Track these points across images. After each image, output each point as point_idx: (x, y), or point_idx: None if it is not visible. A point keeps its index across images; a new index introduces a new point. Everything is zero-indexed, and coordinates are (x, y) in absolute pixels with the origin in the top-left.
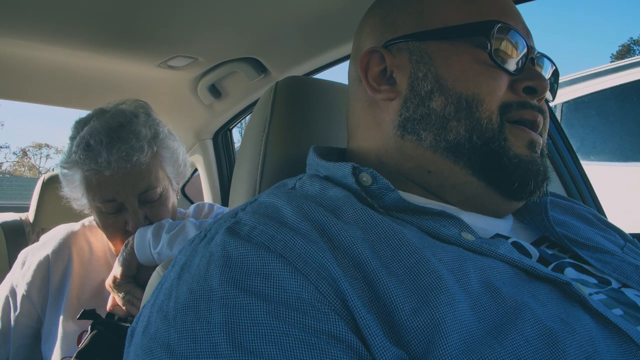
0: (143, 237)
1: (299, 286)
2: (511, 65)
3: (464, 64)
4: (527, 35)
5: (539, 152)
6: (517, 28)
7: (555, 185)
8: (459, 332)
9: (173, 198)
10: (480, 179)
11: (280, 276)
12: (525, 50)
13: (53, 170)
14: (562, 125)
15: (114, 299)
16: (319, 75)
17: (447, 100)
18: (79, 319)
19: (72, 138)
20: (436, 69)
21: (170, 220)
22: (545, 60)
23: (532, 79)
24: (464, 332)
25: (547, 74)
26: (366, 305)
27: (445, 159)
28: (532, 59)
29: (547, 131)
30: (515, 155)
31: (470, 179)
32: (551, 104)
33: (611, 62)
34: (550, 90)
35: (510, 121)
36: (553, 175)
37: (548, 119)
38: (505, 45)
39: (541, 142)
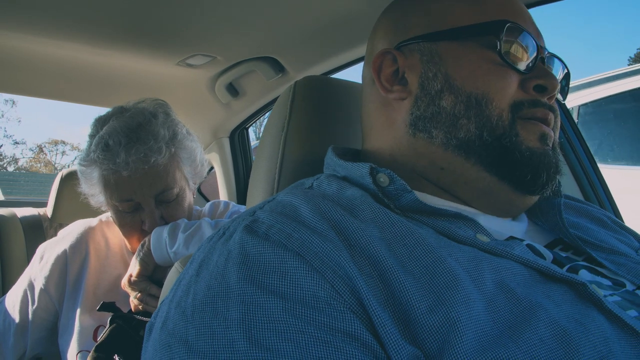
0: (159, 237)
1: (315, 284)
2: (521, 64)
3: (473, 63)
4: (537, 35)
5: (550, 145)
6: (527, 28)
7: (571, 188)
8: (474, 331)
9: (189, 198)
10: (492, 174)
11: (297, 274)
12: (535, 49)
13: (68, 167)
14: (579, 128)
15: (133, 302)
16: (336, 75)
17: (456, 99)
18: (98, 310)
19: (92, 136)
20: (446, 69)
21: (186, 220)
22: (556, 60)
23: (542, 77)
24: (479, 332)
25: (557, 73)
26: (382, 303)
27: (457, 156)
28: (542, 59)
29: (558, 128)
30: (528, 148)
31: (482, 175)
32: (568, 106)
33: (629, 64)
34: (561, 91)
35: (522, 118)
36: (569, 178)
37: (559, 117)
38: (515, 45)
39: (552, 135)
